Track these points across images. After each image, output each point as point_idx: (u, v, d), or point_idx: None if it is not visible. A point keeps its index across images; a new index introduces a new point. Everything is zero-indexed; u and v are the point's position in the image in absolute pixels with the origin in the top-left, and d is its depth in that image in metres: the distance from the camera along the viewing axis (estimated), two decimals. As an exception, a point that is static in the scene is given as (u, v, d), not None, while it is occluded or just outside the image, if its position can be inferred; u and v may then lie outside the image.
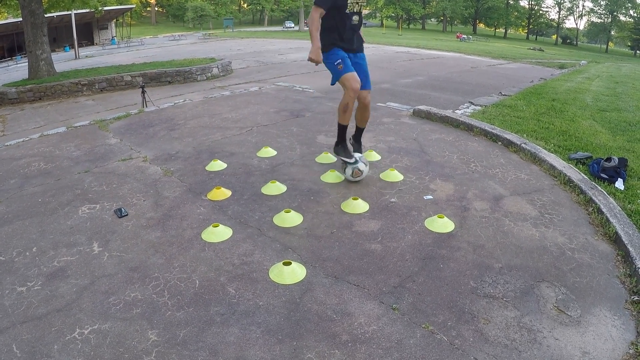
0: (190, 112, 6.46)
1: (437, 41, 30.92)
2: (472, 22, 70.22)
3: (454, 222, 3.13)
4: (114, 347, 2.05)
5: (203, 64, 12.05)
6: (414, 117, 5.99)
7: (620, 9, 63.14)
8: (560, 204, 3.42)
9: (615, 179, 3.75)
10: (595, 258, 2.73)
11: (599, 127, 5.57)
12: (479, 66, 14.10)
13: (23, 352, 2.03)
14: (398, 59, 15.35)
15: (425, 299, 2.37)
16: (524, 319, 2.22)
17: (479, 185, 3.74)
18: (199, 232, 3.05)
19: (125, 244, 2.93)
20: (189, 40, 35.73)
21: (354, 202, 3.35)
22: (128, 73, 11.05)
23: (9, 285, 2.52)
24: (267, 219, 3.22)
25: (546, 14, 72.66)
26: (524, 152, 4.44)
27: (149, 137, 5.28)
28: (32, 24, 11.39)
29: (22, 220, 3.30)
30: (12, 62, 25.94)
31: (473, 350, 2.03)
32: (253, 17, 75.14)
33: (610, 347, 2.06)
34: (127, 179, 3.99)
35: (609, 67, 16.91)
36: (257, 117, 6.02)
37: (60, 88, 10.33)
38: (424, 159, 4.33)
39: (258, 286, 2.48)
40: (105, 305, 2.34)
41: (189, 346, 2.06)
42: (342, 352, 2.02)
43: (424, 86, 9.45)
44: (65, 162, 4.53)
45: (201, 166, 4.24)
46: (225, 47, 23.98)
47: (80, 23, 30.29)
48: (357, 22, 3.63)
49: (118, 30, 39.00)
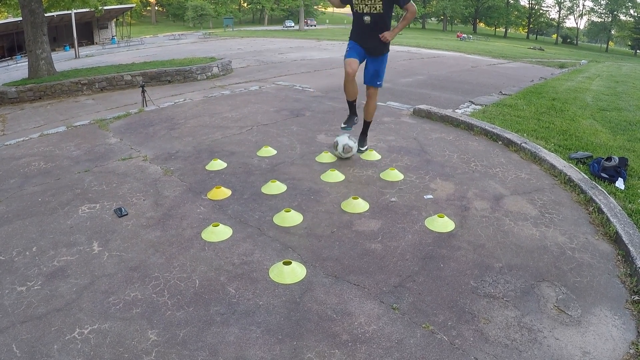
0: (190, 112, 6.45)
1: (437, 40, 30.90)
2: (472, 21, 70.18)
3: (454, 221, 3.12)
4: (113, 347, 2.05)
5: (203, 63, 12.04)
6: (414, 116, 5.98)
7: (620, 8, 63.11)
8: (560, 203, 3.42)
9: (615, 178, 3.75)
10: (595, 258, 2.73)
11: (599, 127, 5.56)
12: (479, 65, 14.09)
13: (23, 351, 2.03)
14: (398, 58, 15.34)
15: (426, 298, 2.36)
16: (524, 319, 2.22)
17: (479, 184, 3.74)
18: (199, 231, 3.05)
19: (125, 244, 2.93)
20: (189, 39, 35.71)
21: (354, 202, 3.34)
22: (128, 72, 11.04)
23: (9, 284, 2.52)
24: (267, 218, 3.21)
25: (546, 14, 72.71)
26: (524, 152, 4.43)
27: (149, 136, 5.28)
28: (32, 24, 11.39)
29: (22, 219, 3.30)
30: (12, 62, 25.94)
31: (473, 350, 2.02)
32: (253, 16, 75.12)
33: (610, 346, 2.05)
34: (127, 179, 3.98)
35: (609, 67, 16.89)
36: (257, 117, 6.02)
37: (60, 87, 10.32)
38: (424, 159, 4.33)
39: (258, 286, 2.48)
40: (105, 305, 2.34)
41: (189, 346, 2.06)
42: (342, 352, 2.02)
43: (424, 85, 9.44)
44: (65, 161, 4.52)
45: (201, 165, 4.23)
46: (225, 46, 23.97)
47: (80, 22, 30.28)
48: (369, 22, 3.80)
49: (118, 29, 39.00)
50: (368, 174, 3.96)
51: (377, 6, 3.72)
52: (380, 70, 4.07)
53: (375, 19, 3.77)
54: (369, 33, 3.85)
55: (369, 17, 3.78)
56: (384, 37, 3.79)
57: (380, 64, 4.05)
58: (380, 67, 4.06)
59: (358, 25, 3.89)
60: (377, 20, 3.78)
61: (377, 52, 3.97)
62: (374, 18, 3.77)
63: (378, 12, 3.75)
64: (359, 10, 3.80)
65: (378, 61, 4.04)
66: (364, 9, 3.77)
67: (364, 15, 3.79)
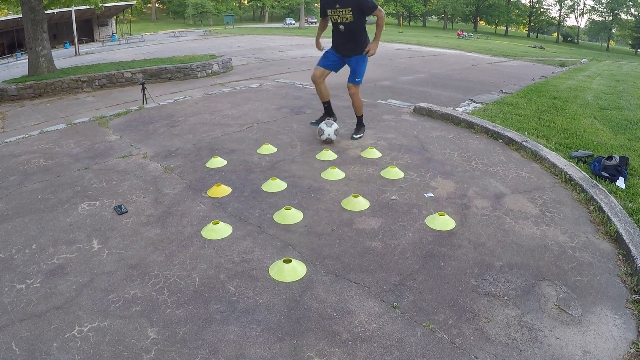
0: (191, 109, 6.44)
1: (437, 38, 30.86)
2: (473, 19, 70.08)
3: (455, 220, 3.12)
4: (113, 345, 2.05)
5: (203, 61, 12.03)
6: (414, 114, 5.97)
7: (621, 7, 63.00)
8: (561, 202, 3.41)
9: (616, 177, 3.74)
10: (596, 257, 2.73)
11: (600, 126, 5.55)
12: (479, 64, 14.06)
13: (22, 349, 2.03)
14: (399, 56, 15.31)
15: (426, 297, 2.36)
16: (524, 318, 2.21)
17: (479, 183, 3.73)
18: (199, 229, 3.04)
19: (124, 241, 2.92)
20: (190, 36, 35.66)
21: (355, 200, 3.34)
22: (128, 70, 11.02)
23: (8, 282, 2.51)
24: (268, 216, 3.21)
25: (547, 12, 72.55)
26: (525, 150, 4.43)
27: (149, 133, 5.27)
28: (32, 21, 11.36)
29: (22, 217, 3.29)
30: (12, 59, 25.91)
31: (474, 349, 2.02)
32: (253, 13, 74.98)
33: (611, 346, 2.05)
34: (127, 176, 3.98)
35: (610, 65, 16.88)
36: (258, 114, 6.01)
37: (60, 85, 10.31)
38: (425, 157, 4.32)
39: (258, 284, 2.48)
40: (105, 303, 2.33)
41: (189, 344, 2.06)
42: (343, 351, 2.01)
43: (424, 83, 9.42)
44: (65, 158, 4.52)
45: (201, 163, 4.22)
46: (225, 44, 23.94)
47: (81, 20, 30.22)
48: (343, 30, 4.38)
49: (118, 26, 38.94)
50: (368, 172, 3.95)
51: (347, 16, 4.25)
52: (357, 69, 4.48)
53: (348, 27, 4.33)
54: (344, 39, 4.43)
55: (343, 26, 4.34)
56: (370, 52, 4.33)
57: (356, 63, 4.47)
58: (357, 65, 4.47)
59: (336, 33, 4.46)
60: (350, 28, 4.34)
61: (354, 53, 4.47)
62: (347, 26, 4.33)
63: (350, 21, 4.28)
64: (334, 21, 4.37)
65: (354, 61, 4.48)
66: (337, 19, 4.32)
67: (339, 24, 4.35)
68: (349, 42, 4.44)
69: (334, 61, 4.61)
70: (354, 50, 4.46)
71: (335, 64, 4.64)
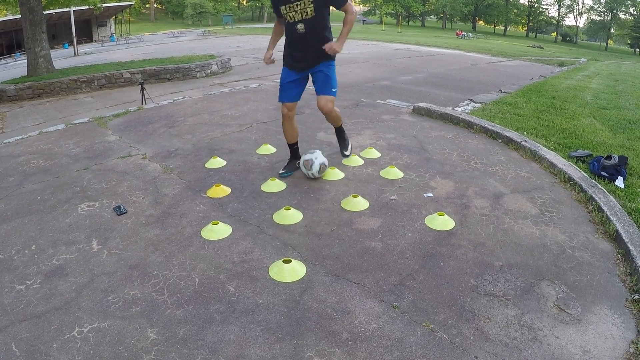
0: (190, 109, 6.44)
1: (436, 38, 30.86)
2: (471, 19, 70.11)
3: (454, 219, 3.12)
4: (113, 346, 2.05)
5: (202, 61, 12.01)
6: (413, 114, 5.98)
7: (620, 6, 63.03)
8: (560, 202, 3.42)
9: (615, 177, 3.75)
10: (595, 256, 2.73)
11: (599, 125, 5.56)
12: (478, 63, 14.07)
13: (22, 350, 2.03)
14: (398, 56, 15.32)
15: (426, 297, 2.36)
16: (524, 318, 2.22)
17: (479, 182, 3.74)
18: (199, 229, 3.04)
19: (124, 242, 2.92)
20: (188, 37, 35.61)
21: (354, 200, 3.34)
22: (127, 70, 11.00)
23: (8, 283, 2.51)
24: (267, 216, 3.21)
25: (546, 12, 72.57)
26: (524, 150, 4.43)
27: (148, 134, 5.27)
28: (31, 21, 11.34)
29: (21, 217, 3.29)
30: (11, 60, 25.86)
31: (473, 349, 2.02)
32: (252, 14, 74.95)
33: (610, 345, 2.05)
34: (126, 177, 3.97)
35: (608, 65, 16.90)
36: (257, 114, 6.01)
37: (59, 85, 10.29)
38: (424, 157, 4.32)
39: (258, 284, 2.48)
40: (105, 304, 2.33)
41: (189, 345, 2.06)
42: (343, 351, 2.01)
43: (423, 83, 9.42)
44: (64, 159, 4.51)
45: (200, 163, 4.22)
46: (224, 44, 23.91)
47: (79, 20, 30.19)
48: (303, 31, 3.37)
49: (117, 27, 38.87)
50: (368, 172, 3.95)
51: (307, 10, 3.28)
52: (330, 75, 3.52)
53: (309, 25, 3.34)
54: (305, 44, 3.43)
55: (302, 25, 3.35)
56: (333, 49, 3.33)
57: (327, 70, 3.51)
58: (329, 71, 3.52)
59: (292, 39, 3.48)
60: (312, 25, 3.34)
61: (320, 60, 3.49)
62: (307, 24, 3.34)
63: (311, 17, 3.31)
64: (290, 20, 3.37)
65: (323, 68, 3.52)
66: (295, 17, 3.33)
67: (297, 24, 3.35)
68: (312, 48, 3.42)
69: (297, 86, 3.63)
70: (318, 58, 3.46)
71: (299, 88, 3.65)
